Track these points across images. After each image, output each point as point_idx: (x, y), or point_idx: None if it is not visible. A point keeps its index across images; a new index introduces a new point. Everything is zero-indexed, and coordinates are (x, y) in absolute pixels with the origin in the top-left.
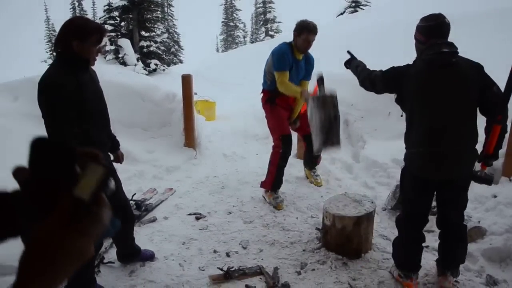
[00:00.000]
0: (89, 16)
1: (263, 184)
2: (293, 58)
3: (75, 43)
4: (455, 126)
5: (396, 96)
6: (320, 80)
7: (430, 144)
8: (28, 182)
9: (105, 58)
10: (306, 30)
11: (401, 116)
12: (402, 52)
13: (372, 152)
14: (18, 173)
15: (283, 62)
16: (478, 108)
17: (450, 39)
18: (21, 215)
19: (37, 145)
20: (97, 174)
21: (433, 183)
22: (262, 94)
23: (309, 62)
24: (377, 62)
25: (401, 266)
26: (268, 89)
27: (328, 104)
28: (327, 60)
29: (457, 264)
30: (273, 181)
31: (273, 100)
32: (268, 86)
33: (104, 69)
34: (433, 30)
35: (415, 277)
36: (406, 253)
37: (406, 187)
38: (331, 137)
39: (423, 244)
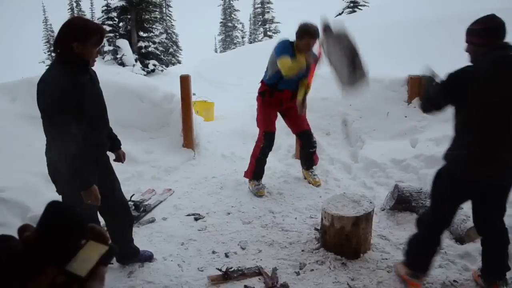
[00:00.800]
0: (87, 16)
1: (245, 174)
2: (292, 55)
3: (75, 44)
4: None
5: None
6: (327, 27)
7: (487, 147)
8: (28, 242)
9: (103, 58)
10: (307, 35)
11: (405, 117)
12: (400, 51)
13: (371, 152)
14: (23, 230)
15: (284, 49)
16: None
17: (448, 39)
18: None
19: (51, 208)
20: (99, 251)
21: (477, 187)
22: (260, 85)
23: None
24: (376, 62)
25: (413, 266)
26: (266, 82)
27: (343, 38)
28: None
29: (506, 271)
30: (253, 171)
31: (268, 94)
32: (267, 80)
33: (102, 70)
34: (493, 31)
35: (424, 278)
36: (423, 255)
37: (441, 190)
38: (358, 66)
39: None
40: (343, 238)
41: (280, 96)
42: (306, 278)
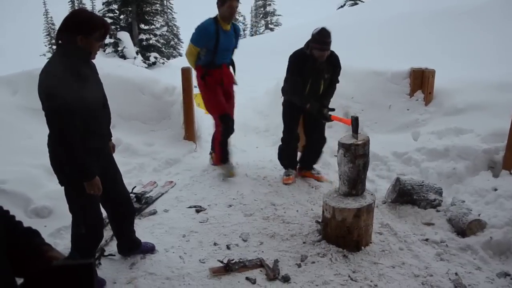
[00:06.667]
0: (88, 8)
1: (214, 162)
2: (219, 30)
3: (80, 37)
4: None
5: None
6: (355, 122)
7: None
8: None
9: (104, 51)
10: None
11: (407, 110)
12: (402, 45)
13: (373, 145)
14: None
15: (199, 38)
16: None
17: (454, 32)
18: None
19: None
20: None
21: None
22: (196, 71)
23: (236, 32)
24: (378, 55)
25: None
26: (202, 64)
27: (359, 155)
28: None
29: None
30: (221, 156)
31: (208, 73)
32: (202, 62)
33: (103, 62)
34: None
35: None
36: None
37: None
38: (357, 187)
39: (423, 238)
40: (345, 231)
41: (220, 72)
42: (307, 270)
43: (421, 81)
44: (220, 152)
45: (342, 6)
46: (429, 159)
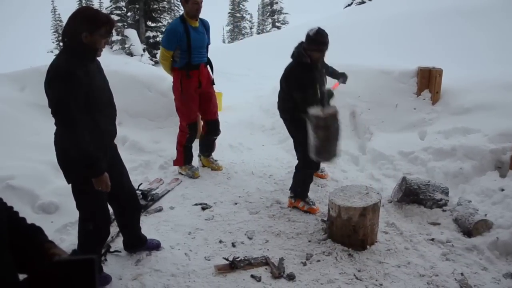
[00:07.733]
0: (96, 6)
1: (176, 163)
2: (188, 28)
3: (84, 34)
4: None
5: None
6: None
7: None
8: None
9: (111, 48)
10: None
11: (414, 109)
12: (405, 43)
13: (379, 144)
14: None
15: (169, 40)
16: None
17: (458, 32)
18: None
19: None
20: None
21: None
22: (173, 76)
23: (206, 27)
24: (383, 53)
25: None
26: (179, 67)
27: (321, 127)
28: (334, 51)
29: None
30: (184, 158)
31: (185, 76)
32: (179, 64)
33: (110, 60)
34: None
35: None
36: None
37: None
38: (322, 155)
39: (429, 237)
40: (350, 229)
41: (198, 74)
42: (312, 268)
43: (428, 80)
44: (183, 154)
45: (349, 5)
46: (436, 159)
